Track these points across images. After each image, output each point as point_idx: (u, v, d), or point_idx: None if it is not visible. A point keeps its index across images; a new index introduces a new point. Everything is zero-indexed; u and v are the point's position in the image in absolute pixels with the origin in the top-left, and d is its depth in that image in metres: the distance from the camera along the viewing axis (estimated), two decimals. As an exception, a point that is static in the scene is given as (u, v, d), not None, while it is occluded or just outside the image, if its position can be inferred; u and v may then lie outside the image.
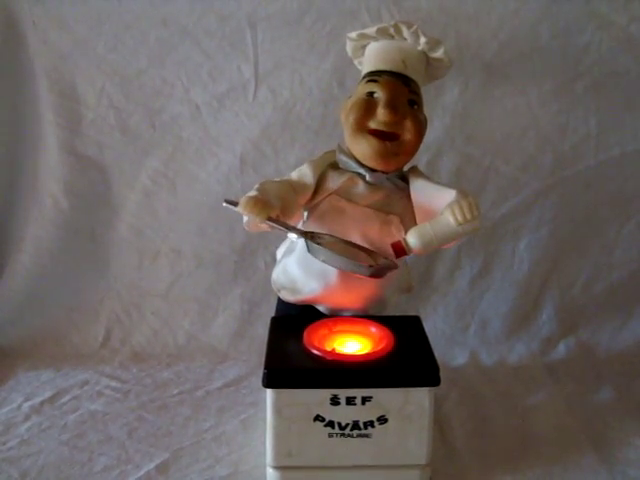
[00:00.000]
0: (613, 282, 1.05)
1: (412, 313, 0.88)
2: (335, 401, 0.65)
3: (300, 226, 0.78)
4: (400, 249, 0.71)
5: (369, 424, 0.66)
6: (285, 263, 0.80)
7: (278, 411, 0.65)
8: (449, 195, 0.72)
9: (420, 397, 0.65)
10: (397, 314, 0.83)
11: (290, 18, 0.95)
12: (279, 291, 0.81)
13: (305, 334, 0.71)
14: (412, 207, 0.77)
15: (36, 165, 1.03)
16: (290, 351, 0.69)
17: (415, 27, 0.75)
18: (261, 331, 0.78)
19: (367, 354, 0.68)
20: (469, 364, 0.99)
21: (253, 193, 0.70)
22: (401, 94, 0.74)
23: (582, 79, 0.98)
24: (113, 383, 0.92)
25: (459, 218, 0.69)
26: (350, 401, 0.65)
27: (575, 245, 1.04)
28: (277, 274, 0.81)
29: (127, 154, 1.02)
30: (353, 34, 0.79)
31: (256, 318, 1.04)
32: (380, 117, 0.74)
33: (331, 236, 0.73)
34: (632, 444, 0.77)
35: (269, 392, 0.65)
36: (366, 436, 0.66)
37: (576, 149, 1.01)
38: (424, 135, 0.78)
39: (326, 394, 0.65)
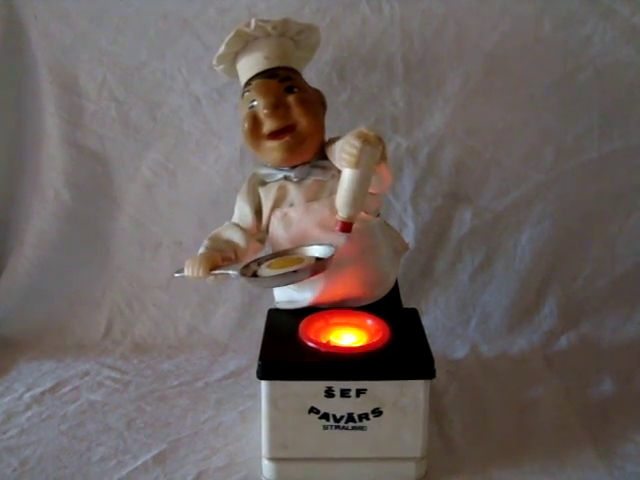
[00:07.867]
0: (616, 275, 1.03)
1: (412, 306, 0.88)
2: (330, 393, 0.65)
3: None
4: (343, 225, 0.71)
5: (364, 416, 0.66)
6: None
7: (273, 403, 0.65)
8: None
9: (415, 390, 0.65)
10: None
11: (290, 10, 0.95)
12: (277, 303, 0.82)
13: (301, 326, 0.71)
14: None
15: (38, 157, 1.03)
16: (285, 343, 0.69)
17: (253, 21, 0.73)
18: (261, 323, 0.78)
19: (362, 346, 0.68)
20: (470, 357, 0.98)
21: (201, 250, 0.76)
22: (275, 88, 0.74)
23: (585, 70, 0.97)
24: (113, 374, 0.93)
25: (350, 161, 0.67)
26: (344, 393, 0.65)
27: (578, 238, 1.03)
28: (279, 295, 0.82)
29: (128, 146, 1.03)
30: (213, 61, 0.79)
31: (256, 310, 1.04)
32: (266, 121, 0.74)
33: (273, 255, 0.76)
34: (631, 439, 0.76)
35: (264, 384, 0.65)
36: (361, 428, 0.66)
37: (579, 141, 1.00)
38: (321, 108, 0.78)
39: (320, 386, 0.65)
